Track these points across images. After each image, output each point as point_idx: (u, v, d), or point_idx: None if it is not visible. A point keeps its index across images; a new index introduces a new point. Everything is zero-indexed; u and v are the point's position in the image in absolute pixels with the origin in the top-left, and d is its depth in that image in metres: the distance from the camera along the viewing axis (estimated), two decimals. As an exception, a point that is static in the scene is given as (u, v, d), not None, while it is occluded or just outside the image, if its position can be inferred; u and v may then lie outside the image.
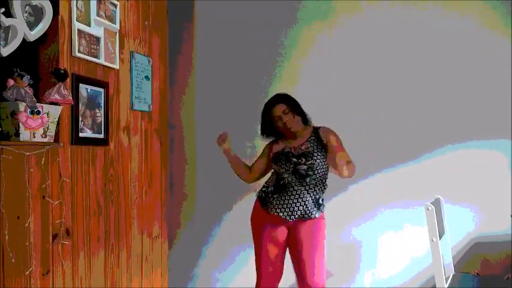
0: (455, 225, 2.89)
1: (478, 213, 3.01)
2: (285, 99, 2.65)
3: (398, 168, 3.11)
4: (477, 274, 2.83)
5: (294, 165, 2.53)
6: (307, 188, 2.53)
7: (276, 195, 2.57)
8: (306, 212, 2.53)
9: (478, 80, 3.00)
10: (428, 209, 2.31)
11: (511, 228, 2.94)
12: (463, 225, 3.01)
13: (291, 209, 2.54)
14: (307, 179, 2.52)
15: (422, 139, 3.07)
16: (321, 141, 2.59)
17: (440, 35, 3.06)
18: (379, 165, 3.14)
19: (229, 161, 2.82)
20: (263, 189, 2.68)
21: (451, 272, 2.71)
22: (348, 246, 3.18)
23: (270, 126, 2.68)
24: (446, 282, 2.36)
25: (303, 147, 2.56)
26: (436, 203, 2.55)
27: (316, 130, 2.65)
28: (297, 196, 2.53)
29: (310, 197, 2.53)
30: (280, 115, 2.60)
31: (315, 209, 2.55)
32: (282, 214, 2.55)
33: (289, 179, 2.54)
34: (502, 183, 2.96)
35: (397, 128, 3.12)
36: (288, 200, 2.53)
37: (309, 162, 2.51)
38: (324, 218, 2.64)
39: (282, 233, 2.62)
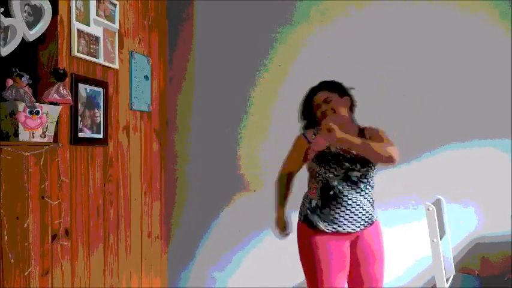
0: (455, 226, 2.88)
1: (478, 213, 3.00)
2: (332, 86, 2.30)
3: (399, 167, 3.10)
4: (478, 275, 2.83)
5: (345, 170, 2.20)
6: (362, 194, 2.24)
7: (325, 210, 2.22)
8: (369, 218, 2.25)
9: (478, 79, 3.00)
10: (429, 209, 2.30)
11: (511, 228, 2.93)
12: (464, 226, 3.00)
13: (351, 220, 2.21)
14: (362, 185, 2.23)
15: (422, 138, 3.06)
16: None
17: (440, 34, 3.05)
18: (379, 165, 3.12)
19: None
20: (306, 205, 2.30)
21: (452, 272, 2.70)
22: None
23: (308, 114, 2.34)
24: (447, 283, 2.36)
25: (353, 151, 2.20)
26: (437, 203, 2.54)
27: (362, 131, 2.31)
28: (354, 205, 2.21)
29: (368, 201, 2.26)
30: (320, 104, 2.26)
31: (374, 211, 2.30)
32: (342, 229, 2.21)
33: (340, 188, 2.20)
34: (503, 183, 2.95)
35: (397, 127, 3.10)
36: (345, 211, 2.20)
37: (364, 169, 2.23)
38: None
39: (346, 250, 2.26)
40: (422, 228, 2.63)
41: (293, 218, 2.43)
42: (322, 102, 2.27)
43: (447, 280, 2.42)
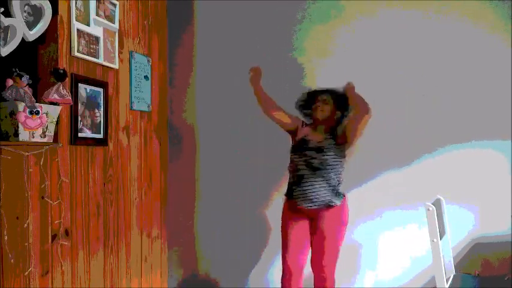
0: (455, 226, 2.88)
1: (478, 213, 3.00)
2: (333, 93, 2.76)
3: (399, 168, 3.10)
4: (478, 275, 2.82)
5: (308, 158, 2.67)
6: (321, 178, 2.64)
7: (296, 187, 2.69)
8: (326, 200, 2.64)
9: (478, 80, 3.00)
10: (429, 210, 2.30)
11: (511, 228, 2.93)
12: (464, 226, 3.00)
13: (311, 198, 2.64)
14: (319, 171, 2.64)
15: (422, 139, 3.06)
16: (336, 137, 2.71)
17: (441, 36, 3.05)
18: (380, 166, 3.13)
19: (255, 89, 2.88)
20: (289, 180, 2.79)
21: (452, 272, 2.70)
22: (348, 246, 3.17)
23: (309, 106, 2.84)
24: (446, 283, 2.35)
25: (319, 141, 2.70)
26: (437, 204, 2.54)
27: (334, 127, 2.76)
28: (311, 186, 2.64)
29: (326, 185, 2.64)
30: (319, 103, 2.74)
31: (335, 197, 2.66)
32: (305, 205, 2.66)
33: (305, 172, 2.67)
34: (503, 183, 2.95)
35: (397, 128, 3.11)
36: (307, 190, 2.65)
37: (322, 157, 2.65)
38: (345, 205, 2.74)
39: (305, 224, 2.75)
40: (423, 228, 2.64)
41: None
42: (322, 102, 2.77)
43: (447, 280, 2.41)
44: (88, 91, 2.56)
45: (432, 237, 2.30)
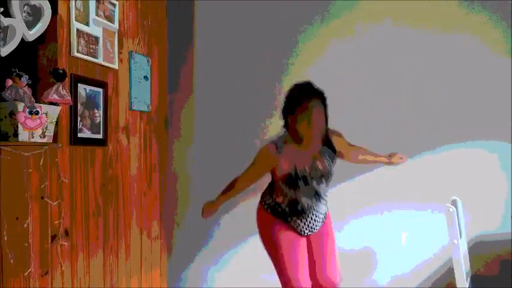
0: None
1: (477, 213, 3.00)
2: (321, 96, 2.32)
3: (399, 168, 3.10)
4: (478, 275, 2.82)
5: (315, 189, 2.36)
6: (322, 201, 2.42)
7: (294, 218, 2.39)
8: (323, 218, 2.46)
9: (478, 82, 2.99)
10: (449, 211, 2.21)
11: (510, 228, 2.93)
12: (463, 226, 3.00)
13: (313, 225, 2.41)
14: (322, 198, 2.42)
15: (422, 139, 3.06)
16: (333, 150, 2.42)
17: (441, 37, 3.05)
18: (379, 166, 3.13)
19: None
20: (276, 206, 2.44)
21: (468, 274, 2.65)
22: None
23: (292, 115, 2.31)
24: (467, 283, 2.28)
25: (319, 166, 2.34)
26: (454, 205, 2.48)
27: (326, 137, 2.40)
28: (316, 213, 2.40)
29: (323, 204, 2.44)
30: (312, 111, 2.24)
31: (326, 209, 2.49)
32: (305, 232, 2.41)
33: (309, 203, 2.36)
34: (502, 183, 2.95)
35: (397, 129, 3.10)
36: (310, 220, 2.39)
37: (328, 181, 2.40)
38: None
39: (303, 240, 2.47)
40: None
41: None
42: (315, 110, 2.27)
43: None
44: (87, 91, 2.56)
45: (452, 238, 2.22)
